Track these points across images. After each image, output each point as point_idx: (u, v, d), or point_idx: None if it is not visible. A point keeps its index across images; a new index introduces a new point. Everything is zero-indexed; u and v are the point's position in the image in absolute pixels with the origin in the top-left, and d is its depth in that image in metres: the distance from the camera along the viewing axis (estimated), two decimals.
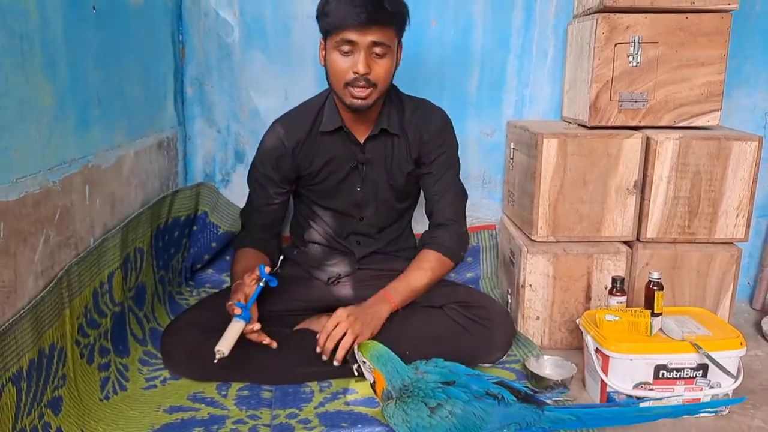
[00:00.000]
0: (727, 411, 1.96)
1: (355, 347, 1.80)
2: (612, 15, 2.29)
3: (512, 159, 2.64)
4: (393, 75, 2.11)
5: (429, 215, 2.30)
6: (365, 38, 1.96)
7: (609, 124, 2.36)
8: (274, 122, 2.27)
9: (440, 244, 2.20)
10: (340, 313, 2.01)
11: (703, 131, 2.35)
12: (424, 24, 2.72)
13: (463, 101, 2.80)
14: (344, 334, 1.97)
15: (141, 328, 2.19)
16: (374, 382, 1.75)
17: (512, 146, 2.63)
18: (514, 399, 1.66)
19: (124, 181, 2.10)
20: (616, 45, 2.30)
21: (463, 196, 2.31)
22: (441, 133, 2.25)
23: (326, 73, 2.09)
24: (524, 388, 1.71)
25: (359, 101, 2.03)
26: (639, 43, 2.29)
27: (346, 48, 1.98)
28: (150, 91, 2.35)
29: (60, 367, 1.66)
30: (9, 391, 1.42)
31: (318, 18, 2.04)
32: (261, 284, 1.99)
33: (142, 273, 2.20)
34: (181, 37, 2.70)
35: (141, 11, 2.24)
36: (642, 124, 2.37)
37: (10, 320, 1.42)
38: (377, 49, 1.99)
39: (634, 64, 2.31)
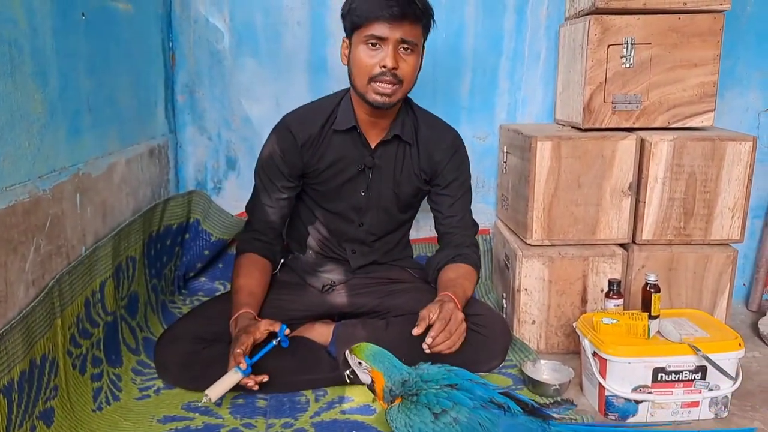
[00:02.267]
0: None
1: (347, 352, 1.77)
2: (604, 16, 2.28)
3: (505, 163, 2.63)
4: (417, 76, 2.10)
5: (444, 234, 2.28)
6: (395, 33, 1.94)
7: (603, 126, 2.36)
8: (286, 116, 2.23)
9: (475, 264, 2.22)
10: (454, 309, 1.94)
11: (698, 132, 2.34)
12: None
13: (455, 105, 2.79)
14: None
15: (134, 338, 2.17)
16: (372, 382, 1.73)
17: (505, 150, 2.62)
18: (521, 411, 1.64)
19: (116, 189, 2.08)
20: (608, 46, 2.29)
21: (474, 223, 2.32)
22: (455, 156, 2.24)
23: (348, 72, 2.07)
24: (530, 401, 1.69)
25: (383, 98, 2.01)
26: (632, 44, 2.29)
27: (374, 42, 1.96)
28: (140, 98, 2.34)
29: (52, 378, 1.64)
30: (0, 403, 1.40)
31: (345, 15, 2.02)
32: (274, 342, 1.93)
33: (134, 282, 2.18)
34: (171, 44, 2.68)
35: (130, 18, 2.23)
36: (636, 125, 2.36)
37: (1, 331, 1.41)
38: (405, 46, 1.98)
39: (627, 66, 2.30)
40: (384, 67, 1.96)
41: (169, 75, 2.66)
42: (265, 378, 1.88)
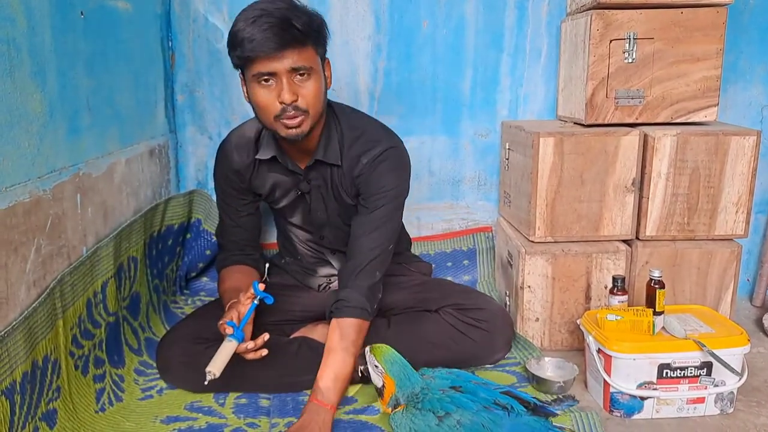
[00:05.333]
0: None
1: (367, 349, 1.76)
2: (606, 11, 2.27)
3: (507, 160, 2.62)
4: (325, 97, 1.96)
5: (347, 254, 2.08)
6: (282, 64, 1.80)
7: (605, 122, 2.35)
8: (226, 138, 2.19)
9: (356, 308, 1.95)
10: None
11: (701, 127, 2.33)
12: (415, 25, 2.70)
13: (456, 102, 2.78)
14: None
15: (136, 338, 2.16)
16: (383, 386, 1.72)
17: (507, 147, 2.61)
18: (524, 410, 1.64)
19: (116, 189, 2.07)
20: (611, 41, 2.28)
21: (388, 239, 2.05)
22: (378, 168, 2.03)
23: (253, 109, 1.94)
24: (533, 400, 1.69)
25: (294, 131, 1.88)
26: (634, 39, 2.28)
27: (266, 79, 1.83)
28: (140, 98, 2.33)
29: (54, 379, 1.63)
30: (2, 405, 1.39)
31: (229, 53, 1.88)
32: (255, 302, 1.92)
33: (136, 282, 2.17)
34: (170, 43, 2.67)
35: (130, 17, 2.22)
36: (639, 121, 2.35)
37: (2, 332, 1.40)
38: (299, 74, 1.84)
39: (630, 61, 2.29)
40: (283, 103, 1.83)
41: (168, 74, 2.65)
42: (266, 336, 1.85)
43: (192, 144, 2.78)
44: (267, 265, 2.28)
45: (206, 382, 1.74)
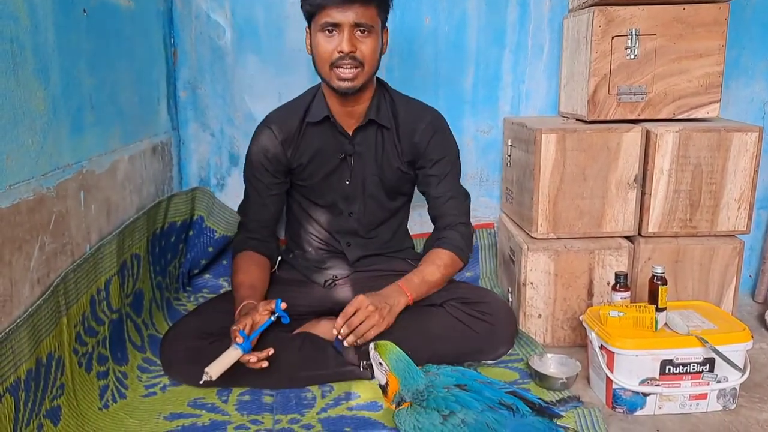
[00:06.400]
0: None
1: (372, 346, 1.76)
2: (608, 7, 2.27)
3: (509, 156, 2.62)
4: (379, 58, 2.12)
5: (434, 218, 2.29)
6: (347, 17, 1.97)
7: (608, 118, 2.34)
8: (267, 116, 2.29)
9: (451, 244, 2.19)
10: (362, 300, 1.98)
11: (703, 123, 2.33)
12: (417, 21, 2.70)
13: (458, 99, 2.78)
14: (361, 322, 1.94)
15: (139, 335, 2.16)
16: (386, 384, 1.72)
17: (509, 143, 2.61)
18: (529, 411, 1.64)
19: (119, 187, 2.07)
20: (613, 38, 2.28)
21: (466, 196, 2.30)
22: (435, 135, 2.24)
23: (313, 60, 2.10)
24: (538, 400, 1.69)
25: (346, 83, 2.05)
26: (636, 35, 2.27)
27: (330, 29, 2.00)
28: (143, 95, 2.33)
29: (58, 377, 1.64)
30: (6, 402, 1.40)
31: (301, 5, 2.06)
32: (272, 318, 1.96)
33: (139, 279, 2.18)
34: (172, 40, 2.67)
35: (132, 14, 2.22)
36: (641, 117, 2.35)
37: (7, 330, 1.40)
38: (360, 29, 2.00)
39: (632, 57, 2.29)
40: (341, 52, 1.99)
41: (171, 71, 2.65)
42: (271, 351, 1.89)
43: (194, 141, 2.78)
44: (279, 258, 2.29)
45: (201, 382, 1.79)
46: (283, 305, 1.98)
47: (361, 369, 1.81)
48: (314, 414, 1.87)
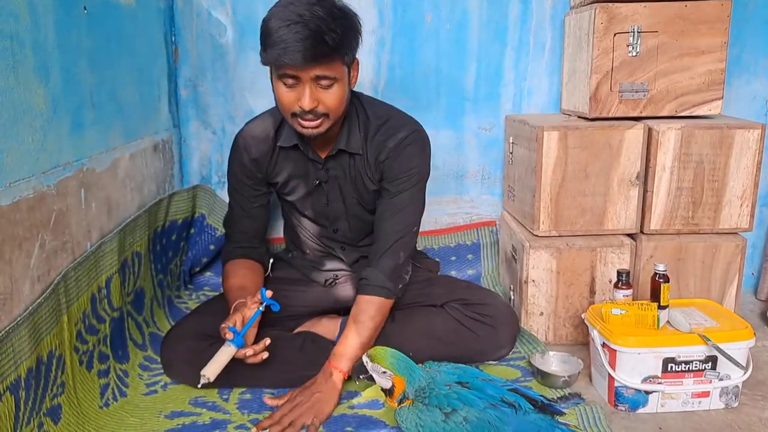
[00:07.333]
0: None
1: (365, 359, 1.74)
2: (610, 5, 2.26)
3: (511, 154, 2.61)
4: (347, 100, 1.97)
5: (374, 235, 2.13)
6: (307, 74, 1.82)
7: (610, 116, 2.34)
8: (242, 128, 2.19)
9: (376, 286, 2.01)
10: (289, 399, 1.87)
11: (705, 120, 2.33)
12: (419, 19, 2.69)
13: (460, 96, 2.77)
14: (290, 423, 1.79)
15: (140, 333, 2.16)
16: (392, 387, 1.70)
17: (511, 141, 2.61)
18: (532, 408, 1.63)
19: (120, 185, 2.07)
20: (615, 35, 2.28)
21: (413, 221, 2.10)
22: (402, 154, 2.06)
23: (274, 99, 1.95)
24: (541, 398, 1.68)
25: (310, 131, 1.91)
26: (638, 32, 2.27)
27: (289, 81, 1.84)
28: (144, 93, 2.32)
29: (59, 375, 1.63)
30: (7, 401, 1.39)
31: (260, 48, 1.85)
32: (261, 308, 1.92)
33: (140, 277, 2.17)
34: (173, 38, 2.67)
35: (133, 12, 2.21)
36: (643, 114, 2.34)
37: (7, 328, 1.40)
38: (323, 82, 1.84)
39: (634, 54, 2.29)
40: (302, 107, 1.86)
41: (172, 69, 2.65)
42: (268, 341, 1.88)
43: (196, 139, 2.78)
44: (271, 260, 2.28)
45: (199, 386, 1.78)
46: (269, 293, 1.93)
47: (356, 382, 1.79)
48: None
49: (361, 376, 1.75)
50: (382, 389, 1.73)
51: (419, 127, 2.12)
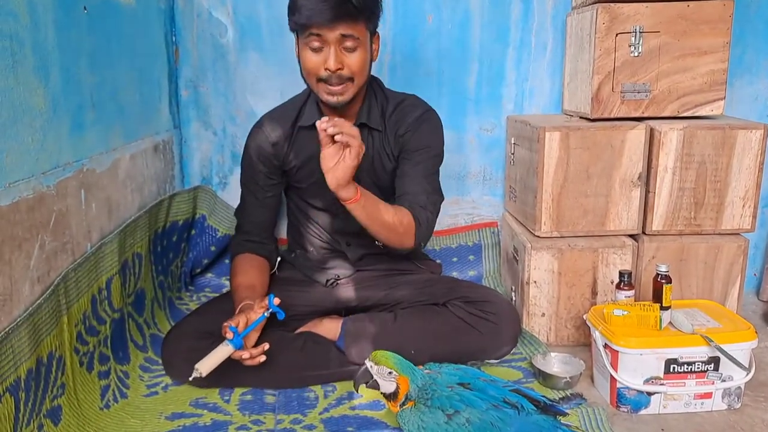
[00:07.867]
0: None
1: (369, 364, 1.72)
2: (612, 5, 2.26)
3: (513, 154, 2.61)
4: (369, 67, 2.06)
5: (399, 195, 2.13)
6: (333, 33, 1.91)
7: (612, 116, 2.33)
8: (260, 118, 2.26)
9: (417, 217, 2.04)
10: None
11: (708, 121, 2.32)
12: (420, 19, 2.69)
13: (461, 97, 2.77)
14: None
15: (141, 335, 2.16)
16: (397, 388, 1.69)
17: (513, 141, 2.60)
18: (534, 409, 1.63)
19: (120, 185, 2.06)
20: (617, 35, 2.27)
21: (436, 190, 2.17)
22: (421, 126, 2.16)
23: (300, 70, 2.04)
24: (543, 398, 1.68)
25: (335, 98, 2.00)
26: (640, 32, 2.26)
27: (315, 44, 1.93)
28: (144, 93, 2.32)
29: (59, 376, 1.63)
30: (7, 402, 1.39)
31: (288, 15, 1.99)
32: (266, 314, 1.94)
33: (141, 278, 2.17)
34: (174, 38, 2.66)
35: (133, 12, 2.21)
36: (645, 115, 2.33)
37: (7, 329, 1.40)
38: (348, 43, 1.94)
39: (636, 54, 2.28)
40: (328, 69, 1.94)
41: (172, 70, 2.64)
42: (266, 346, 1.88)
43: (196, 139, 2.77)
44: (279, 258, 2.27)
45: (191, 378, 1.79)
46: (277, 301, 1.95)
47: (356, 390, 1.78)
48: (316, 414, 1.87)
49: (365, 384, 1.74)
50: (386, 395, 1.72)
51: (434, 109, 2.23)
